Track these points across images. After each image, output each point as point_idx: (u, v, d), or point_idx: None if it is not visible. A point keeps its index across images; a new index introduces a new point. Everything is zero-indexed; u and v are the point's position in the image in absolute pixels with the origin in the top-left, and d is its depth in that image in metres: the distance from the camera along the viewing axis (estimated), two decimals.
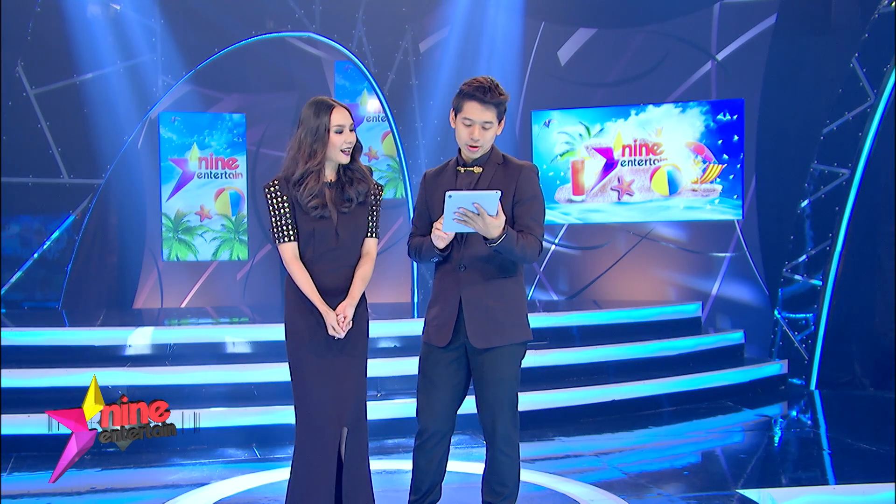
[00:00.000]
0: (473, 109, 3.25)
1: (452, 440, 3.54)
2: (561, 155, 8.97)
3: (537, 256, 3.29)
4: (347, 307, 3.32)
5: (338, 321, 3.29)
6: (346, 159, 3.35)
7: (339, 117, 3.33)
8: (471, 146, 3.29)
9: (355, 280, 3.38)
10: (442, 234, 3.21)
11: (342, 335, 3.30)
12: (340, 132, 3.33)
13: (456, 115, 3.32)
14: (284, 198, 3.36)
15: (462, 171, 3.35)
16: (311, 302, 3.33)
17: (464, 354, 3.36)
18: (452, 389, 3.40)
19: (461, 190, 3.23)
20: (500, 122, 3.32)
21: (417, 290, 9.49)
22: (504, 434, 3.33)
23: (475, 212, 3.06)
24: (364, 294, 3.45)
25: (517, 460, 3.39)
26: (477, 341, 3.28)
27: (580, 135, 8.94)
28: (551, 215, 9.02)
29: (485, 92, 3.24)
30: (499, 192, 3.08)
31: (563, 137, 8.99)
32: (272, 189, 3.37)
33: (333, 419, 3.30)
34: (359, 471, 3.35)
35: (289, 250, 3.37)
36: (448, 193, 3.07)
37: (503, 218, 3.11)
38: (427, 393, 3.41)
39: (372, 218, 3.45)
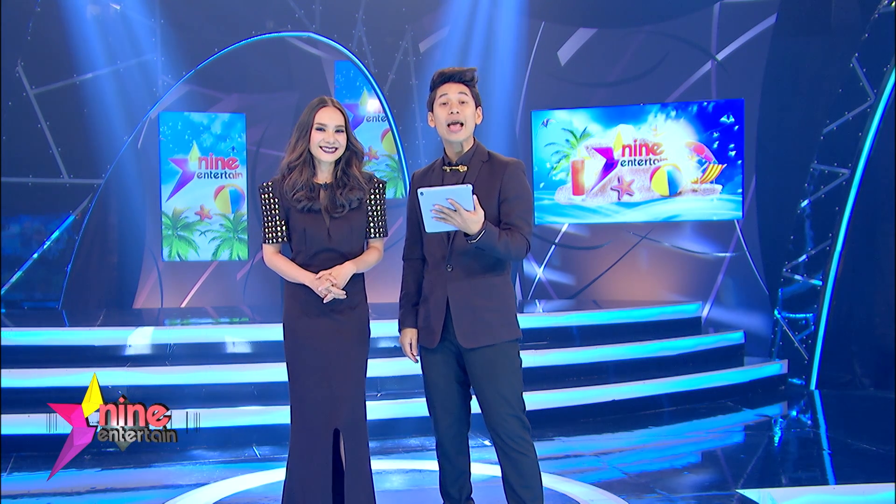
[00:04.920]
0: (446, 88, 3.29)
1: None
2: (554, 166, 8.98)
3: (524, 254, 3.26)
4: (335, 269, 3.27)
5: (324, 278, 3.23)
6: (326, 158, 3.32)
7: (323, 115, 3.32)
8: (451, 124, 3.27)
9: (357, 259, 3.35)
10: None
11: (334, 292, 3.24)
12: (322, 130, 3.31)
13: (432, 108, 3.33)
14: (275, 200, 3.36)
15: (448, 171, 3.34)
16: (307, 302, 3.31)
17: (457, 354, 3.34)
18: (454, 390, 3.39)
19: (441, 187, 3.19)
20: (477, 105, 3.33)
21: None
22: (513, 433, 3.25)
23: (451, 208, 3.02)
24: (365, 295, 3.44)
25: (535, 459, 3.31)
26: (464, 340, 3.26)
27: (567, 140, 8.95)
28: (551, 216, 9.04)
29: (453, 73, 3.30)
30: (469, 186, 3.02)
31: (552, 149, 9.00)
32: (264, 188, 3.39)
33: (326, 419, 3.27)
34: (360, 473, 3.33)
35: (269, 250, 3.39)
36: (420, 191, 3.03)
37: (481, 213, 3.07)
38: (431, 395, 3.43)
39: (373, 219, 3.42)
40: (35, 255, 8.40)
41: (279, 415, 5.45)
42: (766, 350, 8.09)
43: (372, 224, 3.43)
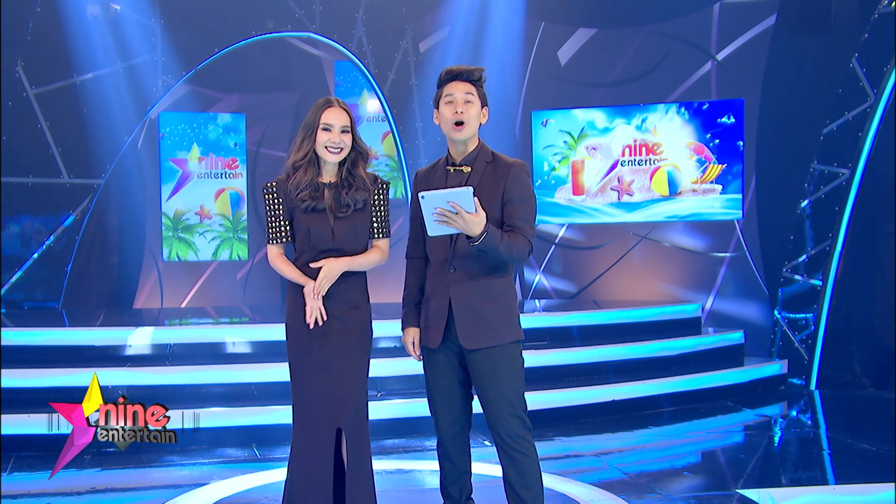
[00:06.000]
0: (452, 87, 3.28)
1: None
2: (553, 169, 8.98)
3: (527, 256, 3.25)
4: (326, 263, 3.27)
5: (311, 296, 3.24)
6: (332, 158, 3.31)
7: (329, 115, 3.32)
8: (456, 124, 3.25)
9: (353, 256, 3.34)
10: None
11: (316, 315, 3.25)
12: (327, 130, 3.30)
13: (438, 105, 3.32)
14: (279, 199, 3.35)
15: (452, 171, 3.33)
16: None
17: (459, 354, 3.34)
18: (455, 390, 3.38)
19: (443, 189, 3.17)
20: (483, 104, 3.31)
21: None
22: (514, 433, 3.26)
23: (452, 210, 3.02)
24: (367, 295, 3.44)
25: (536, 460, 3.31)
26: (466, 342, 3.26)
27: (565, 142, 8.95)
28: (551, 216, 9.04)
29: (460, 71, 3.30)
30: (471, 188, 3.01)
31: (551, 149, 9.00)
32: (269, 188, 3.38)
33: (329, 419, 3.28)
34: (361, 473, 3.33)
35: (273, 251, 3.40)
36: (420, 194, 3.03)
37: (483, 215, 3.07)
38: (432, 395, 3.43)
39: (377, 219, 3.42)
40: (35, 255, 8.40)
41: (279, 415, 5.45)
42: (766, 350, 8.08)
43: (375, 224, 3.43)
